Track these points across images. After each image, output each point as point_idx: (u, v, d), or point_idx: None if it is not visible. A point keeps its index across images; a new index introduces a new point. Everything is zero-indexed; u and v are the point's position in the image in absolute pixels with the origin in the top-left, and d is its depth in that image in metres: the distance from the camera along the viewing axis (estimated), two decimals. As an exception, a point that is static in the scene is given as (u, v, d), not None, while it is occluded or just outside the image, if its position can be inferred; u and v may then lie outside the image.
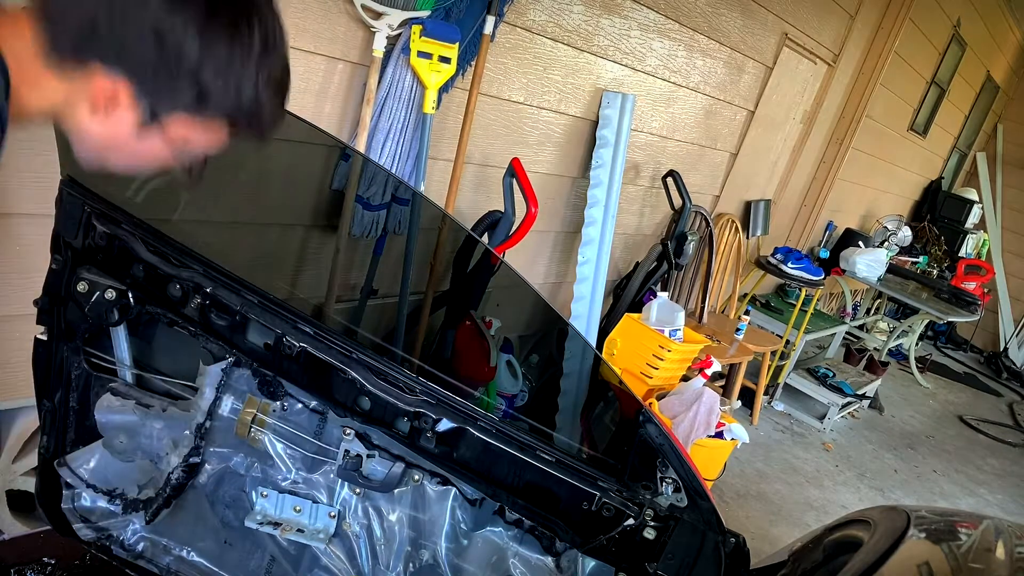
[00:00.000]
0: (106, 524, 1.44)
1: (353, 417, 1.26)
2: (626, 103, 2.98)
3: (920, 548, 1.38)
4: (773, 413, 4.56)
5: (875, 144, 5.71)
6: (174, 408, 1.36)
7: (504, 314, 2.78)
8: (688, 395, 2.66)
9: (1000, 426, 5.79)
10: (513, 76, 2.57)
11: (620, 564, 1.30)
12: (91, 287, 1.27)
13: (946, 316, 5.34)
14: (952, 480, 4.48)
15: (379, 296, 2.41)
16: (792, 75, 4.22)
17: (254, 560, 1.43)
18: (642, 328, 2.85)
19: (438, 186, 2.46)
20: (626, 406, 1.39)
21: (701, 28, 3.29)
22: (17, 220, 1.67)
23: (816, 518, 3.44)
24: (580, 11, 2.67)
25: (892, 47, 4.88)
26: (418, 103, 2.15)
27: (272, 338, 1.23)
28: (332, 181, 2.14)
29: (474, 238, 2.39)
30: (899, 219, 6.53)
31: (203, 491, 1.39)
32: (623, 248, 3.67)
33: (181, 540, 1.44)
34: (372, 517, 1.37)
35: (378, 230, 2.21)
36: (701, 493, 1.24)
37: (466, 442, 1.24)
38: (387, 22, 2.00)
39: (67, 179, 1.26)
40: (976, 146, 8.32)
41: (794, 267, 4.42)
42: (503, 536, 1.36)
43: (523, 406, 2.77)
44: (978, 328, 8.18)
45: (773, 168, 4.70)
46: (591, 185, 3.04)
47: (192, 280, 1.23)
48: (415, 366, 1.31)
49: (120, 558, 1.46)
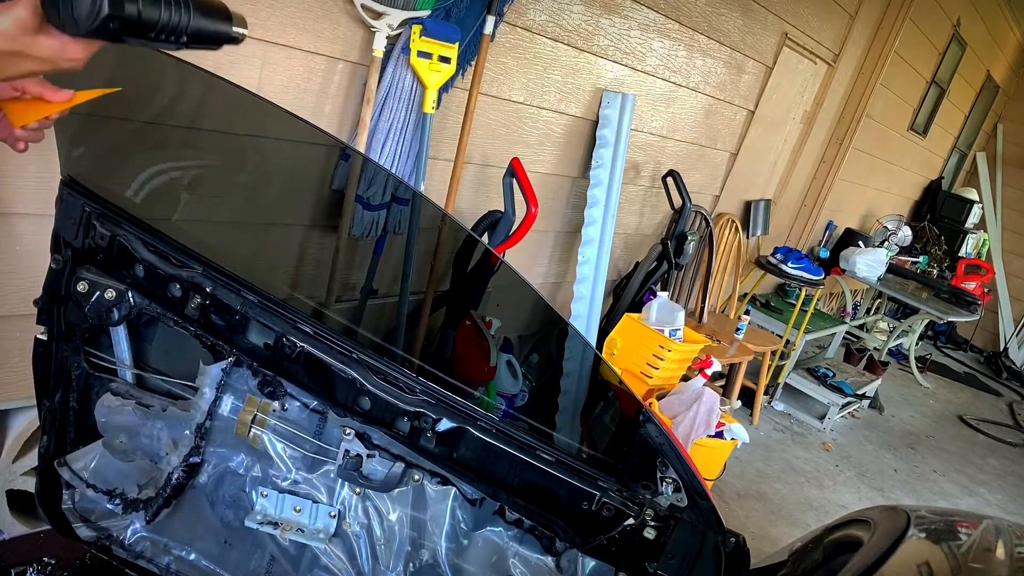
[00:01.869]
0: (106, 524, 1.44)
1: (353, 417, 1.26)
2: (626, 103, 2.98)
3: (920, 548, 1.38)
4: (773, 413, 4.56)
5: (875, 144, 5.71)
6: (174, 408, 1.36)
7: (504, 314, 2.78)
8: (688, 395, 2.66)
9: (1000, 426, 5.80)
10: (513, 76, 2.57)
11: (620, 564, 1.30)
12: (91, 287, 1.27)
13: (946, 316, 5.34)
14: (952, 480, 4.48)
15: (379, 296, 2.41)
16: (792, 75, 4.22)
17: (254, 560, 1.43)
18: (642, 328, 2.85)
19: (438, 186, 2.46)
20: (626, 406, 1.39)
21: (701, 28, 3.29)
22: (17, 220, 1.67)
23: (816, 518, 3.44)
24: (580, 11, 2.67)
25: (892, 47, 4.88)
26: (418, 103, 2.15)
27: (272, 338, 1.23)
28: (332, 181, 2.14)
29: (474, 238, 2.39)
30: (899, 219, 6.53)
31: (203, 491, 1.39)
32: (623, 248, 3.67)
33: (181, 540, 1.44)
34: (372, 517, 1.37)
35: (378, 230, 2.21)
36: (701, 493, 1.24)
37: (466, 442, 1.24)
38: (387, 22, 2.00)
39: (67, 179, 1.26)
40: (976, 146, 8.32)
41: (794, 267, 4.42)
42: (503, 536, 1.36)
43: (523, 406, 2.76)
44: (978, 328, 8.19)
45: (773, 168, 4.70)
46: (591, 185, 3.04)
47: (192, 280, 1.23)
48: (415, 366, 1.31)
49: (120, 558, 1.46)
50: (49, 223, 1.29)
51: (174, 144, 1.59)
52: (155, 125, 1.53)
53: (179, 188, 1.54)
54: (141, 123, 1.50)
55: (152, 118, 1.51)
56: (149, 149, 1.52)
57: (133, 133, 1.50)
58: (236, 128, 1.72)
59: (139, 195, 1.39)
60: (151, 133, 1.53)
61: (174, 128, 1.58)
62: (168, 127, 1.56)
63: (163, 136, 1.56)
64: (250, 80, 1.85)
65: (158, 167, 1.45)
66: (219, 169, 1.72)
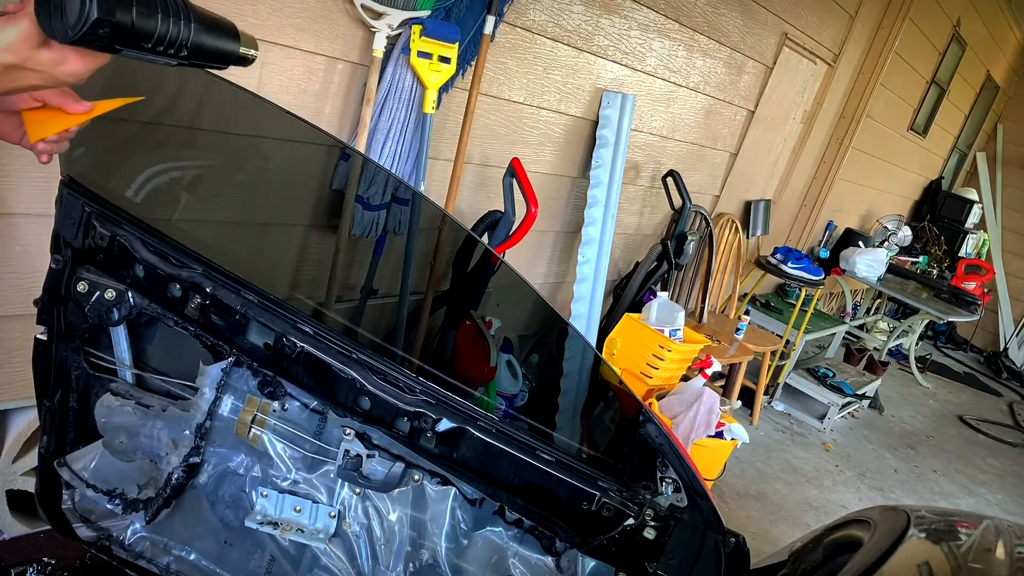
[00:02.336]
0: (106, 524, 1.44)
1: (353, 417, 1.26)
2: (626, 103, 2.98)
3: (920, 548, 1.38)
4: (773, 413, 4.56)
5: (875, 144, 5.71)
6: (174, 408, 1.36)
7: (504, 314, 2.78)
8: (688, 395, 2.66)
9: (1000, 426, 5.80)
10: (513, 76, 2.57)
11: (620, 564, 1.30)
12: (91, 287, 1.27)
13: (946, 316, 5.34)
14: (952, 480, 4.48)
15: (379, 296, 2.41)
16: (792, 75, 4.22)
17: (254, 560, 1.43)
18: (642, 328, 2.85)
19: (438, 186, 2.46)
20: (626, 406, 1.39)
21: (701, 28, 3.29)
22: (17, 220, 1.67)
23: (816, 518, 3.45)
24: (580, 11, 2.67)
25: (892, 47, 4.88)
26: (418, 103, 2.15)
27: (272, 338, 1.23)
28: (332, 181, 2.14)
29: (474, 238, 2.39)
30: (899, 219, 6.53)
31: (203, 491, 1.39)
32: (623, 248, 3.67)
33: (181, 540, 1.44)
34: (372, 517, 1.37)
35: (378, 230, 2.21)
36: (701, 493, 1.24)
37: (466, 442, 1.24)
38: (387, 22, 2.00)
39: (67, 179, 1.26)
40: (976, 146, 8.32)
41: (794, 267, 4.42)
42: (503, 536, 1.36)
43: (523, 406, 2.76)
44: (978, 328, 8.19)
45: (773, 168, 4.70)
46: (591, 185, 3.04)
47: (192, 280, 1.23)
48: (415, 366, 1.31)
49: (120, 558, 1.46)
50: (49, 223, 1.29)
51: (174, 144, 1.59)
52: (155, 125, 1.53)
53: (179, 188, 1.54)
54: (141, 123, 1.50)
55: (152, 118, 1.51)
56: (149, 149, 1.52)
57: (133, 133, 1.50)
58: (236, 128, 1.72)
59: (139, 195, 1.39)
60: (151, 133, 1.53)
61: (174, 128, 1.58)
62: (168, 127, 1.56)
63: (163, 136, 1.57)
64: (250, 80, 1.85)
65: (158, 167, 1.45)
66: (219, 169, 1.72)
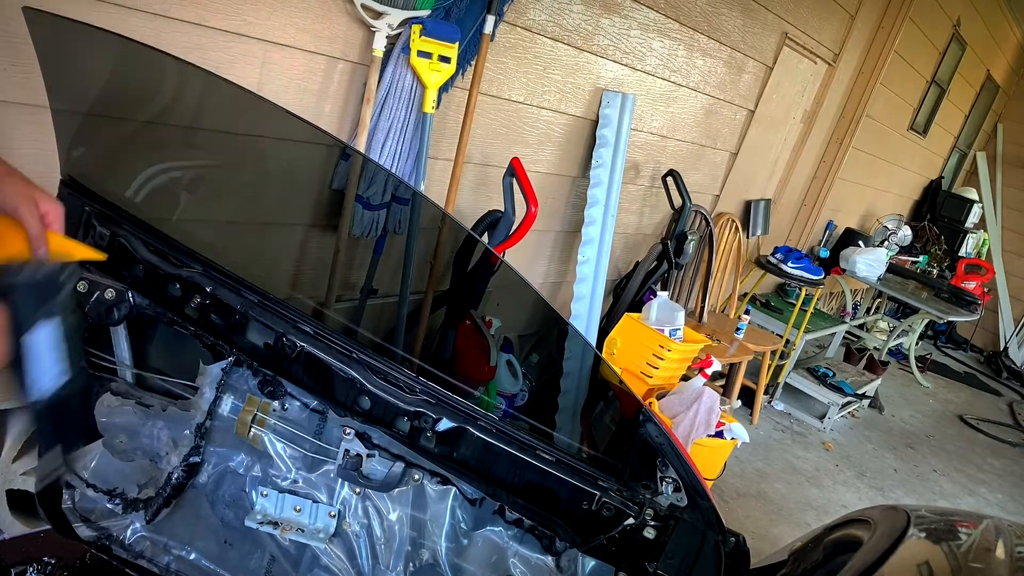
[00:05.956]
0: (106, 524, 1.44)
1: (353, 417, 1.26)
2: (626, 103, 2.98)
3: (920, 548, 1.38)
4: (773, 412, 4.56)
5: (875, 144, 5.71)
6: (174, 408, 1.36)
7: (504, 314, 2.78)
8: (688, 395, 2.66)
9: (1000, 426, 5.79)
10: (513, 76, 2.57)
11: (620, 564, 1.30)
12: (91, 287, 1.27)
13: (946, 316, 5.34)
14: (952, 480, 4.48)
15: (379, 296, 2.41)
16: (792, 75, 4.21)
17: (254, 560, 1.43)
18: (642, 328, 2.85)
19: (438, 186, 2.46)
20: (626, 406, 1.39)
21: (701, 28, 3.29)
22: (17, 220, 1.66)
23: (816, 518, 3.44)
24: (580, 11, 2.67)
25: (892, 47, 4.88)
26: (418, 103, 2.15)
27: (272, 337, 1.23)
28: (332, 181, 2.14)
29: (474, 238, 2.39)
30: (899, 219, 6.53)
31: (203, 491, 1.39)
32: (623, 248, 3.67)
33: (181, 540, 1.44)
34: (372, 517, 1.37)
35: (378, 230, 2.21)
36: (701, 493, 1.24)
37: (466, 442, 1.24)
38: (387, 21, 2.00)
39: (67, 179, 1.26)
40: (976, 145, 8.32)
41: (794, 266, 4.42)
42: (503, 536, 1.36)
43: (523, 406, 2.76)
44: (978, 328, 8.18)
45: (773, 168, 4.70)
46: (591, 184, 3.04)
47: (192, 280, 1.23)
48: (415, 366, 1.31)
49: (120, 558, 1.46)
50: (49, 223, 1.29)
51: (174, 144, 1.59)
52: (155, 125, 1.53)
53: (179, 188, 1.54)
54: (141, 123, 1.50)
55: (152, 118, 1.51)
56: (149, 149, 1.51)
57: (133, 133, 1.49)
58: (236, 128, 1.72)
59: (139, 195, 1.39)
60: (151, 133, 1.53)
61: (174, 128, 1.58)
62: (168, 127, 1.56)
63: (163, 136, 1.56)
64: (250, 80, 1.85)
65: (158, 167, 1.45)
66: (219, 169, 1.72)
